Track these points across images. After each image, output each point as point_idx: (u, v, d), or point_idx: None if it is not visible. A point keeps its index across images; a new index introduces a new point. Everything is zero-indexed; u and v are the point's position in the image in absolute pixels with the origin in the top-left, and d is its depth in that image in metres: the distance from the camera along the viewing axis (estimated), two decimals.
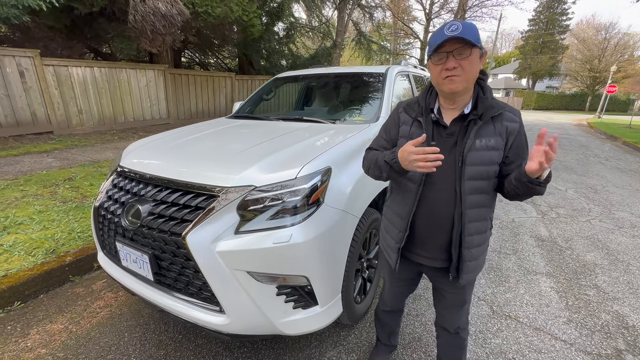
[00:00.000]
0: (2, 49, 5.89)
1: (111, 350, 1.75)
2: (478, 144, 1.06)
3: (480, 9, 21.10)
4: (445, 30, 1.00)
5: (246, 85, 11.86)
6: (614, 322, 2.06)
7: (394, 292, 1.49)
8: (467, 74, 1.03)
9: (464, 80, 1.03)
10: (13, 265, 2.21)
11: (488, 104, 1.08)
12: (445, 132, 1.12)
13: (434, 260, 1.21)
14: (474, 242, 1.13)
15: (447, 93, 1.08)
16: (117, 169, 1.80)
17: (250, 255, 1.32)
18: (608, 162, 7.23)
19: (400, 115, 1.24)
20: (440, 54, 1.03)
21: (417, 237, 1.21)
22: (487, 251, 1.23)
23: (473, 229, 1.11)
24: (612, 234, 3.39)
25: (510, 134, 1.08)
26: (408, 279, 1.40)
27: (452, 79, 1.03)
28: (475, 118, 1.08)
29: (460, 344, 1.40)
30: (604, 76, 30.59)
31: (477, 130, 1.07)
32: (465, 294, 1.28)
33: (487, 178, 1.09)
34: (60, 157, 5.15)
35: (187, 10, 6.77)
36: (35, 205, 3.18)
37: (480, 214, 1.12)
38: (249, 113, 2.95)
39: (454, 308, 1.32)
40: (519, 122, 1.10)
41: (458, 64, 1.01)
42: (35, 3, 4.88)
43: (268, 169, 1.46)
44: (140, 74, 8.21)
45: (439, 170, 1.04)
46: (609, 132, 12.37)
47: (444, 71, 1.04)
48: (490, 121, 1.08)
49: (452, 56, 1.01)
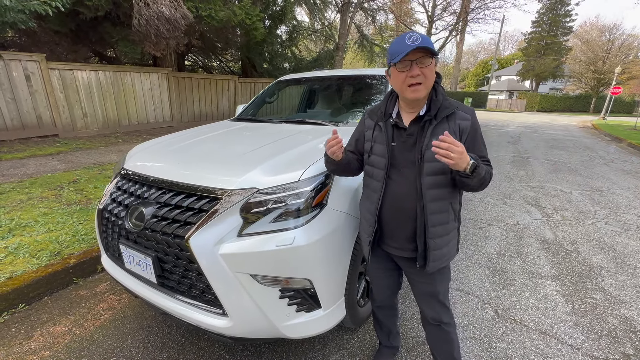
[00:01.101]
0: (9, 53, 5.97)
1: (114, 352, 1.75)
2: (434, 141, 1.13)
3: (483, 11, 21.16)
4: (406, 41, 1.09)
5: (249, 88, 11.91)
6: (621, 327, 2.03)
7: (377, 285, 1.54)
8: (429, 81, 1.14)
9: (425, 87, 1.14)
10: (18, 268, 2.23)
11: (440, 104, 1.18)
12: (405, 133, 1.23)
13: (403, 251, 1.30)
14: (437, 232, 1.21)
15: (410, 100, 1.19)
16: (121, 171, 1.81)
17: (253, 258, 1.31)
18: (613, 164, 7.17)
19: (365, 121, 1.38)
20: (405, 62, 1.12)
21: (386, 230, 1.32)
22: (455, 241, 1.31)
23: (435, 220, 1.19)
24: (619, 237, 3.36)
25: (462, 131, 1.17)
26: (384, 269, 1.46)
27: (416, 87, 1.13)
28: (430, 118, 1.18)
29: (445, 338, 1.41)
30: (608, 77, 30.39)
31: (432, 130, 1.16)
32: (435, 284, 1.33)
33: (444, 173, 1.16)
34: (65, 160, 5.19)
35: (190, 14, 6.82)
36: (40, 208, 3.20)
37: (440, 206, 1.20)
38: (252, 116, 2.95)
39: (427, 298, 1.38)
40: (471, 119, 1.19)
41: (421, 72, 1.12)
42: (41, 8, 4.95)
43: (271, 171, 1.46)
44: (144, 77, 8.28)
45: (400, 168, 1.22)
46: (614, 133, 12.28)
47: (408, 78, 1.13)
48: (445, 120, 1.17)
49: (416, 64, 1.11)
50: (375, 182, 1.28)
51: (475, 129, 1.19)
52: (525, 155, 7.71)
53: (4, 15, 4.72)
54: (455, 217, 1.27)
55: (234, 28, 8.82)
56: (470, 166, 1.05)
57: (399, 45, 1.11)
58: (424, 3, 21.98)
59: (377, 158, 1.27)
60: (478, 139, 1.20)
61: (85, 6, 6.21)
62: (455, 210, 1.26)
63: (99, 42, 8.55)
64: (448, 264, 1.32)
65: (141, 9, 6.30)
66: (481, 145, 1.20)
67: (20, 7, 4.78)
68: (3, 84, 5.82)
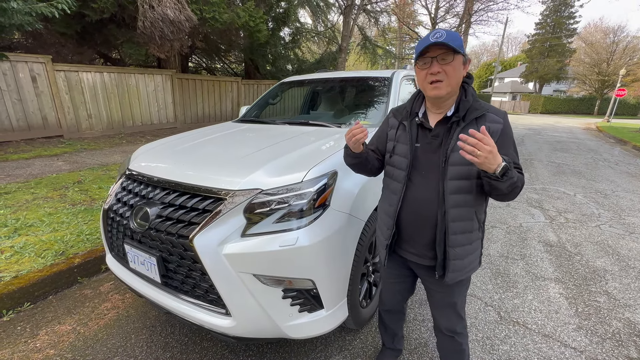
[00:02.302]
0: (16, 54, 6.04)
1: (118, 352, 1.76)
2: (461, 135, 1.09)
3: (486, 12, 21.07)
4: (430, 37, 1.06)
5: (252, 90, 11.96)
6: (625, 330, 2.02)
7: (389, 290, 1.51)
8: (451, 79, 1.08)
9: (447, 85, 1.09)
10: (23, 267, 2.25)
11: (469, 105, 1.12)
12: (430, 134, 1.17)
13: (422, 258, 1.24)
14: (459, 241, 1.14)
15: (432, 98, 1.14)
16: (125, 172, 1.83)
17: (257, 258, 1.32)
18: (618, 166, 7.12)
19: (389, 120, 1.33)
20: (425, 58, 1.09)
21: (404, 235, 1.26)
22: (478, 252, 1.23)
23: (457, 228, 1.13)
24: (623, 240, 3.33)
25: (493, 134, 1.08)
26: (400, 275, 1.42)
27: (436, 85, 1.09)
28: (458, 120, 1.12)
29: (457, 348, 1.39)
30: (612, 79, 30.20)
31: (459, 132, 1.09)
32: (453, 295, 1.29)
33: (470, 178, 1.10)
34: (70, 161, 5.24)
35: (194, 17, 6.87)
36: (46, 208, 3.23)
37: (463, 213, 1.13)
38: (256, 117, 2.97)
39: (443, 309, 1.34)
40: (503, 123, 1.12)
41: (441, 69, 1.07)
42: (48, 10, 5.00)
43: (274, 172, 1.47)
44: (149, 78, 8.34)
45: (423, 170, 1.16)
46: (619, 136, 12.20)
47: (429, 75, 1.10)
48: (474, 122, 1.11)
49: (436, 61, 1.08)
50: (395, 184, 1.23)
51: (506, 133, 1.11)
52: (529, 158, 7.68)
53: (11, 17, 4.77)
54: (480, 227, 1.19)
55: (237, 30, 8.87)
56: (502, 168, 0.95)
57: (422, 42, 1.08)
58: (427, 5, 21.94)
59: (399, 158, 1.22)
60: (509, 144, 1.11)
61: (91, 8, 6.28)
62: (480, 220, 1.19)
63: (104, 44, 8.63)
64: (469, 275, 1.24)
65: (146, 11, 6.35)
66: (512, 150, 1.11)
67: (27, 9, 4.84)
68: (10, 85, 5.88)
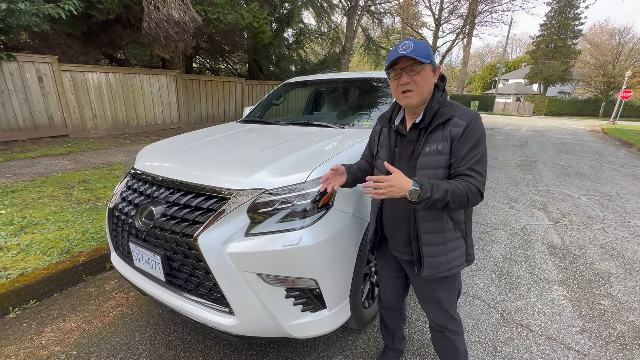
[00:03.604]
0: (23, 55, 6.11)
1: (122, 349, 1.78)
2: (427, 149, 1.16)
3: (490, 14, 21.02)
4: (398, 49, 1.11)
5: (256, 90, 12.01)
6: (629, 333, 2.01)
7: (385, 286, 1.55)
8: (420, 87, 1.14)
9: (417, 94, 1.15)
10: (29, 264, 2.28)
11: (434, 112, 1.17)
12: (405, 139, 1.25)
13: (403, 254, 1.33)
14: (431, 240, 1.20)
15: (404, 106, 1.22)
16: (131, 171, 1.85)
17: (260, 258, 1.33)
18: (623, 168, 7.06)
19: (375, 126, 1.42)
20: (395, 70, 1.16)
21: (387, 232, 1.38)
22: (460, 252, 1.24)
23: (427, 228, 1.20)
24: (628, 243, 3.31)
25: (453, 138, 1.12)
26: (393, 270, 1.48)
27: (406, 94, 1.16)
28: (425, 126, 1.18)
29: (449, 345, 1.41)
30: (618, 81, 29.93)
31: (426, 137, 1.17)
32: (436, 291, 1.31)
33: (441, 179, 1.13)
34: (75, 160, 5.29)
35: (199, 17, 6.92)
36: (51, 206, 3.27)
37: (432, 215, 1.18)
38: (259, 117, 2.99)
39: (429, 304, 1.38)
40: (464, 126, 1.12)
41: (411, 79, 1.13)
42: (54, 11, 5.07)
43: (278, 172, 1.48)
44: (153, 79, 8.40)
45: None
46: (624, 138, 12.08)
47: (400, 86, 1.16)
48: (441, 127, 1.15)
49: (405, 72, 1.13)
50: None
51: (467, 135, 1.11)
52: (533, 159, 7.64)
53: (19, 18, 4.84)
54: (456, 227, 1.22)
55: (241, 31, 8.92)
56: (410, 193, 1.01)
57: (392, 54, 1.14)
58: (431, 6, 21.92)
59: (381, 162, 1.30)
60: (466, 146, 1.10)
61: (97, 9, 6.35)
62: (456, 220, 1.21)
63: (110, 44, 8.72)
64: (452, 274, 1.26)
65: (151, 12, 6.41)
66: (470, 152, 1.10)
67: (34, 10, 4.90)
68: (17, 85, 5.95)
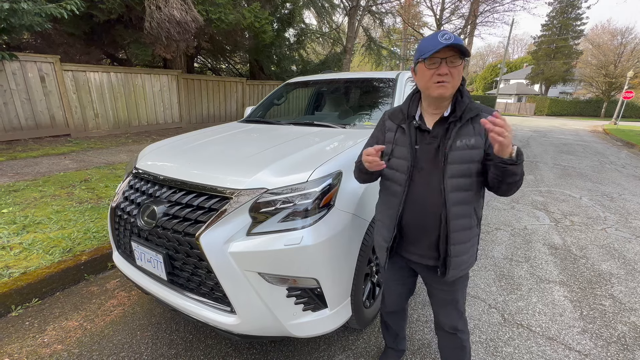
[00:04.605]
0: (25, 54, 6.13)
1: (124, 348, 1.78)
2: (459, 143, 1.13)
3: (492, 14, 20.97)
4: (439, 38, 1.06)
5: (257, 90, 12.02)
6: (631, 334, 2.01)
7: (392, 293, 1.51)
8: (455, 81, 1.11)
9: (452, 86, 1.11)
10: (32, 263, 2.29)
11: (465, 106, 1.15)
12: (428, 135, 1.19)
13: (425, 258, 1.26)
14: (460, 238, 1.18)
15: (434, 97, 1.14)
16: (132, 170, 1.85)
17: (262, 257, 1.34)
18: (625, 169, 7.05)
19: (385, 123, 1.32)
20: (434, 59, 1.09)
21: (407, 236, 1.27)
22: (475, 248, 1.27)
23: (458, 225, 1.17)
24: (629, 243, 3.30)
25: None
26: (402, 277, 1.44)
27: (443, 84, 1.10)
28: (455, 120, 1.15)
29: (458, 345, 1.40)
30: (620, 82, 29.85)
31: (457, 131, 1.13)
32: (455, 292, 1.32)
33: (469, 176, 1.14)
34: (77, 159, 5.30)
35: (201, 17, 6.93)
36: (53, 206, 3.28)
37: (464, 210, 1.17)
38: (261, 117, 2.99)
39: (446, 306, 1.35)
40: None
41: (449, 71, 1.09)
42: (57, 11, 5.08)
43: (280, 172, 1.49)
44: (155, 79, 8.42)
45: (423, 171, 1.18)
46: (626, 138, 12.05)
47: (435, 76, 1.10)
48: (470, 122, 1.14)
49: (445, 63, 1.08)
50: (396, 186, 1.24)
51: None
52: (534, 160, 7.62)
53: (21, 18, 4.86)
54: (478, 224, 1.23)
55: (242, 31, 8.93)
56: (516, 151, 1.00)
57: (431, 42, 1.08)
58: (432, 6, 21.89)
59: (398, 161, 1.23)
60: None
61: (99, 9, 6.37)
62: (478, 217, 1.23)
63: (111, 44, 8.73)
64: (467, 272, 1.29)
65: (153, 12, 6.42)
66: None
67: (36, 10, 4.92)
68: (19, 85, 5.97)
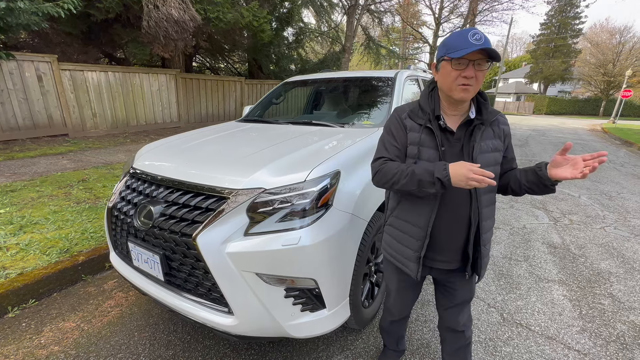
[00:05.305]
0: (22, 54, 6.09)
1: (121, 349, 1.77)
2: (484, 146, 1.14)
3: (491, 13, 20.94)
4: (469, 37, 1.00)
5: (255, 90, 11.99)
6: (630, 333, 2.00)
7: (403, 301, 1.46)
8: (479, 84, 1.08)
9: (474, 90, 1.08)
10: (28, 264, 2.27)
11: (488, 109, 1.16)
12: (453, 137, 1.15)
13: (450, 263, 1.24)
14: (488, 238, 1.22)
15: (455, 100, 1.10)
16: (130, 170, 1.84)
17: (259, 257, 1.33)
18: (623, 168, 7.06)
19: (405, 122, 1.20)
20: (463, 60, 1.03)
21: (436, 243, 1.20)
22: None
23: (487, 226, 1.20)
24: (628, 242, 3.30)
25: (506, 136, 1.21)
26: (415, 285, 1.42)
27: (466, 88, 1.06)
28: (479, 122, 1.15)
29: (464, 343, 1.41)
30: (618, 80, 29.93)
31: (481, 134, 1.14)
32: (472, 292, 1.36)
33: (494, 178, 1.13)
34: (75, 159, 5.28)
35: (199, 16, 6.90)
36: (50, 206, 3.26)
37: (491, 211, 1.22)
38: (259, 117, 2.98)
39: (463, 305, 1.37)
40: (508, 124, 1.25)
41: (475, 74, 1.04)
42: (54, 10, 5.05)
43: (277, 171, 1.47)
44: (153, 78, 8.39)
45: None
46: (624, 137, 12.08)
47: (460, 78, 1.05)
48: (489, 125, 1.17)
49: (472, 65, 1.03)
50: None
51: (509, 134, 1.24)
52: (533, 159, 7.62)
53: (18, 17, 4.82)
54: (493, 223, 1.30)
55: (241, 30, 8.90)
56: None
57: (461, 41, 1.02)
58: (431, 5, 21.87)
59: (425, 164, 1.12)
60: (511, 144, 1.27)
61: (96, 8, 6.33)
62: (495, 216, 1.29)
63: (109, 43, 8.70)
64: None
65: (151, 11, 6.39)
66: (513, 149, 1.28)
67: (34, 9, 4.88)
68: (16, 84, 5.94)
